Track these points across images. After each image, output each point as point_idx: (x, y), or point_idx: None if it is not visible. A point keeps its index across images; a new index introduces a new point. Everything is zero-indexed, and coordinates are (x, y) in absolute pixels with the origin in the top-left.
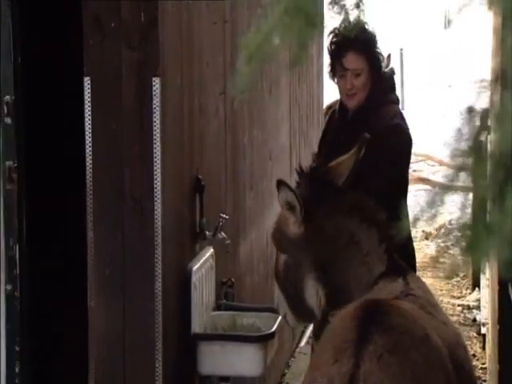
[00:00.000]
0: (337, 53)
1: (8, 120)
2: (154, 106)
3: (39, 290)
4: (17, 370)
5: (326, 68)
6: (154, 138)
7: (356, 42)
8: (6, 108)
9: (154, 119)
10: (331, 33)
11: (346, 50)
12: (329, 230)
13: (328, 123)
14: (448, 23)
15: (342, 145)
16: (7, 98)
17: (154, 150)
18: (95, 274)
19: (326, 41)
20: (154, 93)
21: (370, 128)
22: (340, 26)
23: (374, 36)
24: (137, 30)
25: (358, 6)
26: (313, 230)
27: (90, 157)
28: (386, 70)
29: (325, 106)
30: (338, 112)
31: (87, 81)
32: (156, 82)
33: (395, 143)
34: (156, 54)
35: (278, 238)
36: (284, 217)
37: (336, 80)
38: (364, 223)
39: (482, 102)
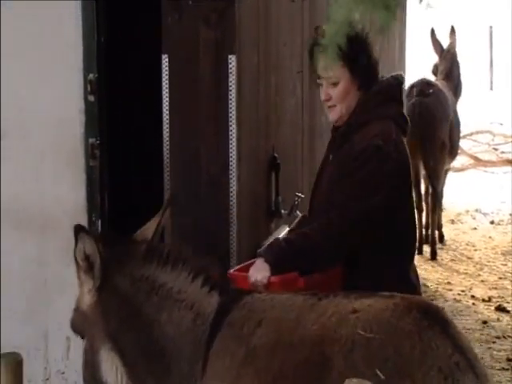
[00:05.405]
0: (313, 57)
1: (91, 98)
2: (229, 84)
3: None
4: None
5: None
6: (230, 115)
7: (329, 46)
8: (89, 86)
9: (230, 97)
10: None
11: (319, 55)
12: (124, 287)
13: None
14: None
15: (330, 166)
16: (90, 76)
17: (230, 128)
18: None
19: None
20: (230, 70)
21: (353, 149)
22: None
23: (359, 37)
24: (214, 9)
25: None
26: (106, 292)
27: (167, 134)
28: (387, 77)
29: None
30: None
31: (165, 58)
32: (232, 60)
33: (372, 169)
34: (232, 32)
35: (78, 321)
36: (81, 289)
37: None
38: (166, 265)
39: None
